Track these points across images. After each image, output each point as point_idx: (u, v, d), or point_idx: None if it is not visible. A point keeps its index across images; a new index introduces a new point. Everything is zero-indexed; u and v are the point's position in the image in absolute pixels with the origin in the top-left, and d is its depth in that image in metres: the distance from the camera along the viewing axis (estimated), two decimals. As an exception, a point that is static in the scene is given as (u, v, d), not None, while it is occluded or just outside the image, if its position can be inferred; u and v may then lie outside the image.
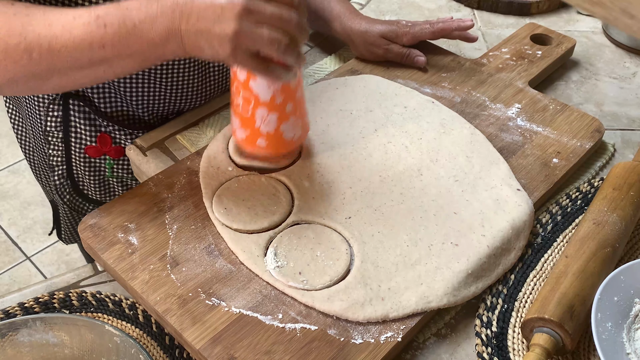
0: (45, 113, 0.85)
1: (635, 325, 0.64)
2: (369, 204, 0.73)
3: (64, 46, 0.61)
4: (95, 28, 0.61)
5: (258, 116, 0.69)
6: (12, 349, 0.58)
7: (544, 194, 0.78)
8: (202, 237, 0.70)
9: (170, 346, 0.66)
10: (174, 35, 0.60)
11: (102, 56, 0.62)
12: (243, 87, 0.68)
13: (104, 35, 0.61)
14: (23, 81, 0.64)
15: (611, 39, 1.10)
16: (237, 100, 0.70)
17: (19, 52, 0.61)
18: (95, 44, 0.61)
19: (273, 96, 0.68)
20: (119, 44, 0.61)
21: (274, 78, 0.64)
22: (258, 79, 0.66)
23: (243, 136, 0.72)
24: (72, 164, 0.90)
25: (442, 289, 0.65)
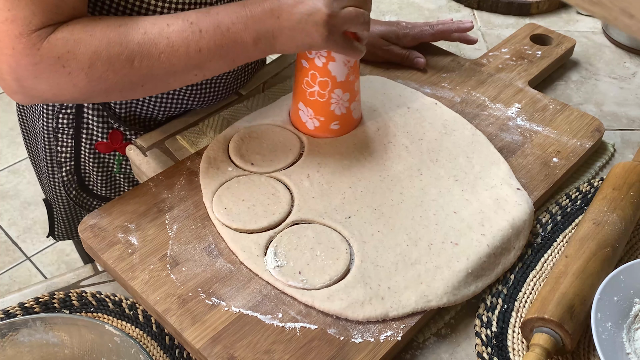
0: (58, 110, 0.86)
1: (635, 325, 0.64)
2: (368, 204, 0.73)
3: (163, 52, 0.64)
4: (190, 34, 0.65)
5: (334, 98, 0.76)
6: (12, 348, 0.58)
7: (544, 194, 0.78)
8: (202, 237, 0.70)
9: (170, 346, 0.66)
10: (265, 35, 0.67)
11: (198, 60, 0.66)
12: (321, 72, 0.75)
13: (200, 40, 0.65)
14: (117, 90, 0.66)
15: (611, 39, 1.10)
16: (311, 89, 0.76)
17: (121, 61, 0.63)
18: (192, 48, 0.65)
19: (347, 75, 0.76)
20: (214, 48, 0.66)
21: (356, 53, 0.72)
22: (337, 59, 0.74)
23: (316, 124, 0.79)
24: (81, 160, 0.91)
25: (442, 288, 0.65)
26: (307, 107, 0.78)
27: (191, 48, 0.65)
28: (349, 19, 0.68)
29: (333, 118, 0.78)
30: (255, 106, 0.90)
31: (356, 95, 0.79)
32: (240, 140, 0.80)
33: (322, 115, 0.78)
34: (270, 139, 0.80)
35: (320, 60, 0.74)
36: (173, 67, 0.66)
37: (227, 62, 0.68)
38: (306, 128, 0.80)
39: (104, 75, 0.63)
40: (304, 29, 0.67)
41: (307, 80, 0.76)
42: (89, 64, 0.62)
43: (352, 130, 0.81)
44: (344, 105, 0.78)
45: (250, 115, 0.84)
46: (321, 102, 0.77)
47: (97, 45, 0.62)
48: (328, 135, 0.80)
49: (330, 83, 0.75)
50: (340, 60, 0.74)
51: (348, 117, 0.80)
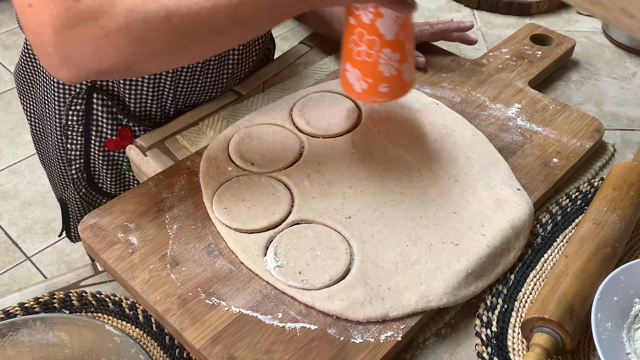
0: (68, 107, 0.86)
1: (635, 325, 0.64)
2: (369, 204, 0.73)
3: (203, 7, 0.60)
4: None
5: (383, 58, 0.72)
6: (12, 349, 0.58)
7: (544, 194, 0.78)
8: (202, 237, 0.70)
9: (170, 346, 0.66)
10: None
11: (243, 15, 0.61)
12: (368, 29, 0.70)
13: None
14: (160, 53, 0.62)
15: (611, 39, 1.10)
16: (358, 48, 0.72)
17: (158, 19, 0.59)
18: (235, 2, 0.60)
19: (397, 33, 0.71)
20: (259, 0, 0.61)
21: (407, 8, 0.68)
22: (385, 16, 0.70)
23: (364, 86, 0.74)
24: (90, 158, 0.91)
25: (442, 289, 0.65)
26: (354, 67, 0.74)
27: (234, 2, 0.60)
28: None
29: (382, 79, 0.74)
30: (255, 106, 0.90)
31: (408, 56, 0.74)
32: (240, 140, 0.80)
33: (370, 76, 0.74)
34: (270, 138, 0.80)
35: (368, 16, 0.70)
36: (217, 24, 0.61)
37: (275, 16, 0.64)
38: (354, 91, 0.76)
39: (143, 34, 0.59)
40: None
41: (354, 38, 0.72)
42: (126, 23, 0.59)
43: (403, 94, 0.77)
44: (393, 66, 0.73)
45: (250, 115, 0.84)
46: (369, 63, 0.73)
47: (132, 3, 0.59)
48: (377, 98, 0.76)
49: (379, 41, 0.71)
50: (389, 17, 0.70)
51: (398, 79, 0.75)
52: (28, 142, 2.21)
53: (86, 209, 0.99)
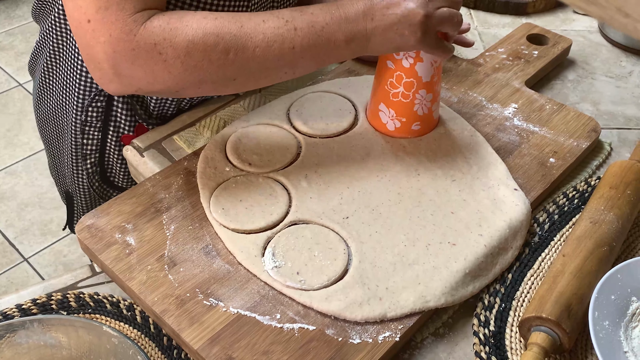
0: (88, 104, 0.87)
1: (632, 324, 0.64)
2: (366, 204, 0.73)
3: (258, 47, 0.65)
4: (285, 31, 0.66)
5: (418, 99, 0.77)
6: (9, 350, 0.58)
7: (541, 194, 0.78)
8: (200, 238, 0.70)
9: (169, 347, 0.66)
10: (359, 35, 0.68)
11: (290, 58, 0.67)
12: (407, 73, 0.75)
13: (294, 38, 0.66)
14: (210, 82, 0.66)
15: (607, 38, 1.10)
16: (395, 90, 0.77)
17: (217, 52, 0.64)
18: (286, 44, 0.66)
19: (432, 75, 0.76)
20: (307, 46, 0.67)
21: (447, 53, 0.72)
22: (424, 60, 0.74)
23: (397, 125, 0.79)
24: (105, 153, 0.92)
25: (439, 289, 0.65)
26: (388, 108, 0.79)
27: (285, 45, 0.66)
28: (444, 20, 0.69)
29: (415, 119, 0.79)
30: (252, 106, 0.90)
31: (438, 95, 0.79)
32: (237, 140, 0.80)
33: (404, 116, 0.78)
34: (267, 139, 0.80)
35: (408, 61, 0.74)
36: (266, 63, 0.66)
37: (318, 62, 0.69)
38: (385, 129, 0.80)
39: (199, 65, 0.64)
40: (397, 30, 0.68)
41: (391, 81, 0.77)
42: (186, 52, 0.63)
43: (430, 131, 0.82)
44: (426, 106, 0.78)
45: (248, 115, 0.84)
46: (405, 103, 0.77)
47: (193, 35, 0.63)
48: (407, 135, 0.80)
49: (416, 84, 0.76)
50: (427, 60, 0.74)
51: (429, 117, 0.80)
52: (25, 143, 2.20)
53: (94, 203, 1.00)
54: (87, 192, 0.98)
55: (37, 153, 2.16)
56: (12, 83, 2.45)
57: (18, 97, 2.39)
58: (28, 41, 2.63)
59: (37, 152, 2.16)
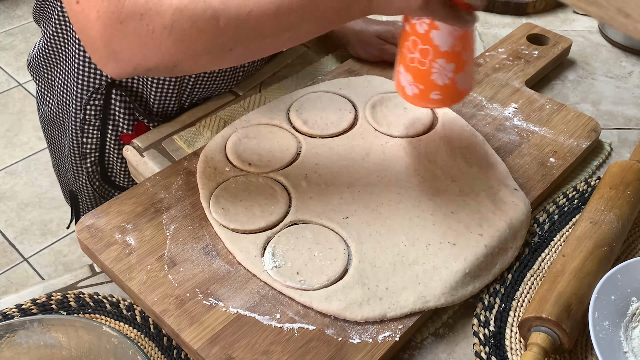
0: (86, 102, 0.86)
1: (632, 324, 0.64)
2: (366, 204, 0.73)
3: (251, 11, 0.59)
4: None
5: (436, 68, 0.69)
6: (9, 350, 0.58)
7: (541, 194, 0.78)
8: (200, 238, 0.70)
9: (168, 347, 0.66)
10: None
11: (289, 22, 0.61)
12: (422, 39, 0.68)
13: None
14: (205, 54, 0.62)
15: (607, 38, 1.10)
16: (412, 55, 0.70)
17: (205, 19, 0.59)
18: (283, 8, 0.60)
19: (453, 45, 0.68)
20: (308, 7, 0.60)
21: (463, 24, 0.64)
22: (441, 28, 0.67)
23: (415, 91, 0.72)
24: (105, 152, 0.92)
25: (439, 289, 0.65)
26: (406, 72, 0.72)
27: (282, 7, 0.60)
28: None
29: (434, 87, 0.71)
30: (252, 106, 0.90)
31: (464, 65, 0.71)
32: (237, 140, 0.80)
33: (421, 83, 0.71)
34: (267, 139, 0.80)
35: (422, 27, 0.68)
36: (263, 29, 0.61)
37: (321, 24, 0.63)
38: (405, 94, 0.74)
39: (188, 34, 0.60)
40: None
41: (407, 45, 0.70)
42: (172, 21, 0.59)
43: (457, 102, 0.74)
44: (447, 76, 0.70)
45: (247, 116, 0.84)
46: (421, 70, 0.70)
47: (179, 2, 0.59)
48: (428, 104, 0.75)
49: (432, 52, 0.68)
50: (445, 28, 0.67)
51: (451, 87, 0.72)
52: (25, 143, 2.20)
53: (98, 201, 1.00)
54: (90, 192, 0.98)
55: (37, 153, 2.16)
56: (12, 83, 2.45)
57: (18, 97, 2.39)
58: (28, 41, 2.63)
59: (37, 152, 2.16)
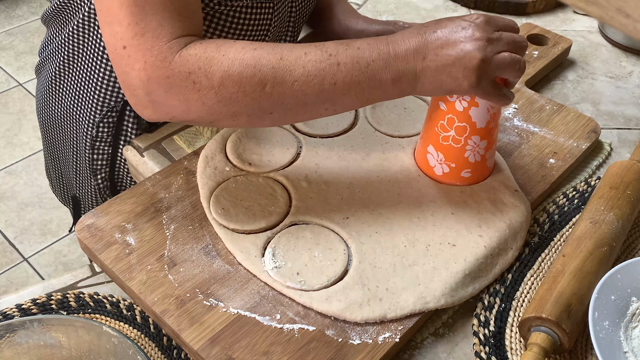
0: (100, 119, 0.86)
1: (632, 324, 0.64)
2: (366, 204, 0.73)
3: (297, 81, 0.61)
4: (327, 65, 0.62)
5: (470, 145, 0.71)
6: (9, 350, 0.58)
7: (541, 194, 0.78)
8: (200, 238, 0.70)
9: (168, 347, 0.66)
10: (407, 74, 0.63)
11: (331, 94, 0.63)
12: (460, 117, 0.69)
13: (337, 73, 0.62)
14: (245, 115, 0.63)
15: (607, 38, 1.10)
16: (446, 133, 0.71)
17: (253, 84, 0.61)
18: (327, 80, 0.62)
19: (488, 122, 0.70)
20: (350, 82, 0.62)
21: (504, 101, 0.66)
22: (480, 105, 0.68)
23: (446, 170, 0.74)
24: (116, 167, 0.91)
25: (439, 290, 0.65)
26: (437, 151, 0.73)
27: (326, 80, 0.62)
28: (503, 65, 0.63)
29: (466, 165, 0.73)
30: (252, 107, 0.90)
31: (493, 143, 0.73)
32: (237, 140, 0.80)
33: (453, 161, 0.73)
34: (267, 138, 0.80)
35: (462, 104, 0.69)
36: (305, 98, 0.62)
37: (361, 99, 0.65)
38: (433, 172, 0.75)
39: (234, 97, 0.61)
40: (450, 73, 0.63)
41: (442, 123, 0.71)
42: (220, 83, 0.61)
43: (482, 180, 0.75)
44: (479, 153, 0.72)
45: (248, 116, 0.84)
46: (455, 148, 0.71)
47: (229, 65, 0.61)
48: (456, 182, 0.74)
49: (469, 129, 0.70)
50: (483, 106, 0.68)
51: (481, 165, 0.74)
52: (25, 143, 2.20)
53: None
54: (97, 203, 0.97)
55: (37, 153, 2.16)
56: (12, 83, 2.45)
57: (18, 96, 2.39)
58: (28, 41, 2.63)
59: (37, 152, 2.16)
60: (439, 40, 0.63)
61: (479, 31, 0.63)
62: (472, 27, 0.63)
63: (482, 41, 0.62)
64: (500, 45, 0.63)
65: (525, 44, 0.66)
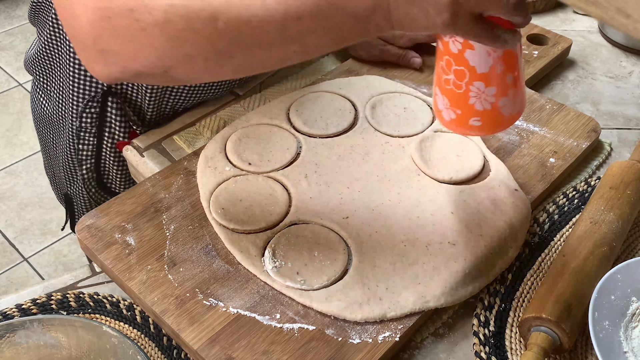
0: (82, 110, 0.86)
1: (632, 324, 0.64)
2: (366, 204, 0.73)
3: (254, 15, 0.53)
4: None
5: (473, 91, 0.61)
6: (9, 350, 0.58)
7: (541, 194, 0.78)
8: (200, 238, 0.70)
9: (168, 347, 0.66)
10: (381, 4, 0.53)
11: (296, 31, 0.54)
12: (456, 59, 0.60)
13: (301, 5, 0.53)
14: (201, 59, 0.55)
15: (607, 38, 1.10)
16: (446, 76, 0.62)
17: (202, 19, 0.53)
18: (291, 14, 0.53)
19: (493, 66, 0.60)
20: (317, 16, 0.53)
21: (500, 44, 0.56)
22: (476, 47, 0.59)
23: (452, 116, 0.64)
24: (101, 159, 0.91)
25: (439, 289, 0.65)
26: (443, 95, 0.64)
27: (289, 14, 0.53)
28: (483, 0, 0.53)
29: (472, 113, 0.63)
30: (252, 106, 0.90)
31: (508, 88, 0.62)
32: (237, 140, 0.80)
33: (459, 108, 0.63)
34: (267, 138, 0.80)
35: (455, 45, 0.59)
36: (266, 37, 0.54)
37: (334, 38, 0.55)
38: (442, 118, 0.66)
39: (182, 35, 0.54)
40: (421, 5, 0.53)
41: (442, 65, 0.62)
42: (164, 19, 0.53)
43: (501, 129, 0.66)
44: (487, 101, 0.62)
45: (248, 115, 0.84)
46: (457, 94, 0.62)
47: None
48: (468, 131, 0.65)
49: (468, 74, 0.60)
50: (481, 48, 0.58)
51: (494, 113, 0.63)
52: (25, 143, 2.21)
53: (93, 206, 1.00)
54: (86, 197, 0.98)
55: (37, 153, 2.17)
56: (12, 83, 2.45)
57: (18, 96, 2.39)
58: (28, 41, 2.63)
59: (37, 152, 2.16)
60: None
61: None
62: None
63: None
64: None
65: None
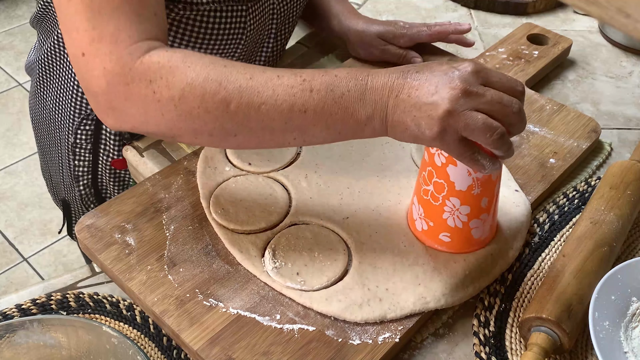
0: (77, 127, 0.85)
1: (632, 324, 0.64)
2: (366, 204, 0.73)
3: (264, 103, 0.57)
4: (299, 91, 0.57)
5: (448, 206, 0.65)
6: (9, 350, 0.58)
7: (541, 194, 0.78)
8: (200, 238, 0.70)
9: (168, 347, 0.66)
10: (379, 111, 0.57)
11: (300, 122, 0.58)
12: (438, 172, 0.63)
13: (308, 100, 0.57)
14: (207, 133, 0.59)
15: (608, 38, 1.10)
16: (426, 187, 0.66)
17: (215, 101, 0.57)
18: (297, 107, 0.57)
19: (470, 186, 0.63)
20: (321, 112, 0.58)
21: (478, 168, 0.58)
22: (458, 165, 0.62)
23: (425, 227, 0.68)
24: (98, 175, 0.91)
25: (439, 290, 0.65)
26: (419, 204, 0.68)
27: (296, 107, 0.57)
28: (471, 127, 0.55)
29: (444, 228, 0.66)
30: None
31: (482, 212, 0.65)
32: (237, 140, 0.80)
33: (432, 219, 0.67)
34: (267, 139, 0.80)
35: (440, 159, 0.63)
36: (271, 123, 0.58)
37: (332, 133, 0.59)
38: (415, 228, 0.70)
39: (194, 112, 0.57)
40: (415, 117, 0.56)
41: (424, 175, 0.66)
42: (180, 96, 0.57)
43: (469, 251, 0.68)
44: (460, 219, 0.65)
45: (248, 116, 0.84)
46: (433, 206, 0.66)
47: (193, 78, 0.57)
48: (436, 245, 0.68)
49: (447, 188, 0.63)
50: (463, 167, 0.62)
51: (464, 233, 0.66)
52: (25, 143, 2.20)
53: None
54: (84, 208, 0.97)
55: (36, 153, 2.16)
56: (12, 83, 2.45)
57: (18, 96, 2.39)
58: (28, 41, 2.63)
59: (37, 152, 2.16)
60: (417, 81, 0.57)
61: (460, 80, 0.55)
62: (456, 74, 0.56)
63: (457, 91, 0.55)
64: (480, 102, 0.55)
65: (517, 109, 0.57)
